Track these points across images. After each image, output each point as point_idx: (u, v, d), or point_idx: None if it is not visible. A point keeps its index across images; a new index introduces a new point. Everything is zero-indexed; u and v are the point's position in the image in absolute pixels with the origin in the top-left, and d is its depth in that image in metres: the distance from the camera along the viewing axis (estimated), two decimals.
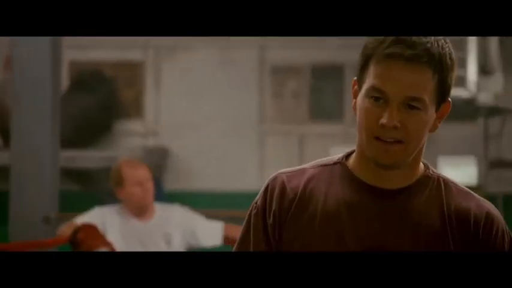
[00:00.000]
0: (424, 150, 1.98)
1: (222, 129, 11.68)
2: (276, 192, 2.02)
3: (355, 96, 2.01)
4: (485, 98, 9.20)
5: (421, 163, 2.02)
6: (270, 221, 2.00)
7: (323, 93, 11.83)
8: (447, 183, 2.01)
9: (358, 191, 1.98)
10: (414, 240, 1.92)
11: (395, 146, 1.91)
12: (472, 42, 8.59)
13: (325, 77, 11.76)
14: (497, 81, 9.38)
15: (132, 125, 11.73)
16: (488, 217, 1.98)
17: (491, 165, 10.89)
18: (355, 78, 2.02)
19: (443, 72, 1.92)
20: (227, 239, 5.21)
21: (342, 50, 11.38)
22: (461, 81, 8.68)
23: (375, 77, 1.92)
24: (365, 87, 1.95)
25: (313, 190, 2.01)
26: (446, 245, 1.94)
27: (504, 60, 9.51)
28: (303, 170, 2.06)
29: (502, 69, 9.44)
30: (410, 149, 1.93)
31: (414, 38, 1.91)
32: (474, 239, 1.96)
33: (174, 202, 5.70)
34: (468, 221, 1.96)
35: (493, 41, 9.05)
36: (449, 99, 1.96)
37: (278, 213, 2.00)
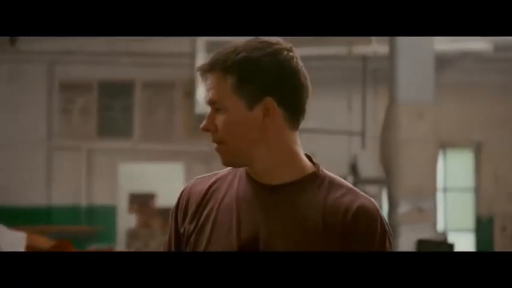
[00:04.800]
0: (297, 148, 2.18)
1: (9, 144, 11.52)
2: (185, 194, 2.24)
3: None
4: None
5: (311, 163, 2.20)
6: (180, 216, 2.22)
7: (112, 110, 11.91)
8: (333, 181, 2.16)
9: (248, 187, 2.17)
10: (286, 233, 2.10)
11: (219, 147, 2.15)
12: None
13: (114, 93, 11.84)
14: None
15: None
16: (359, 209, 2.09)
17: None
18: None
19: (239, 74, 2.08)
20: (30, 247, 5.27)
21: (132, 67, 11.53)
22: None
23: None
24: None
25: (215, 190, 2.21)
26: (319, 239, 2.09)
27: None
28: (215, 174, 2.27)
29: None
30: (233, 149, 2.12)
31: (219, 51, 2.15)
32: (341, 230, 2.08)
33: None
34: (338, 213, 2.09)
35: None
36: (270, 98, 2.11)
37: (184, 210, 2.22)
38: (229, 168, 2.23)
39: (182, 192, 2.26)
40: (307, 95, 2.15)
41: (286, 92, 2.10)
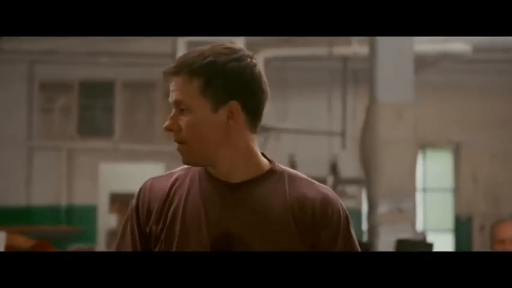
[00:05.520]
0: (255, 148, 2.24)
1: None
2: (147, 192, 2.29)
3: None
4: None
5: (266, 160, 2.28)
6: (143, 216, 2.26)
7: (92, 110, 11.90)
8: (291, 175, 2.27)
9: (210, 185, 2.24)
10: (257, 226, 2.19)
11: (180, 147, 2.23)
12: None
13: (95, 93, 11.83)
14: None
15: None
16: (324, 200, 2.23)
17: None
18: None
19: (206, 77, 2.17)
20: (10, 247, 5.27)
21: (113, 67, 11.52)
22: None
23: None
24: None
25: (178, 188, 2.27)
26: (291, 230, 2.20)
27: (267, 81, 10.02)
28: (171, 173, 2.32)
29: None
30: (196, 149, 2.20)
31: (185, 55, 2.24)
32: (313, 221, 2.21)
33: None
34: (307, 206, 2.22)
35: (258, 62, 9.47)
36: (234, 101, 2.19)
37: (147, 210, 2.26)
38: (185, 166, 2.30)
39: (140, 192, 2.31)
40: (266, 100, 2.24)
41: (249, 96, 2.20)
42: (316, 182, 2.29)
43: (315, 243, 2.22)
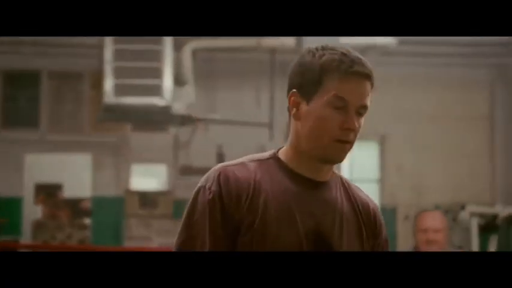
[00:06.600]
0: None
1: None
2: (231, 181, 2.27)
3: (296, 106, 2.43)
4: (178, 107, 9.60)
5: None
6: (232, 204, 2.25)
7: (17, 100, 11.74)
8: (345, 178, 2.44)
9: (297, 181, 2.31)
10: (340, 224, 2.31)
11: (348, 146, 2.34)
12: (168, 53, 8.88)
13: (20, 83, 11.67)
14: (189, 91, 9.87)
15: None
16: (377, 208, 2.43)
17: (181, 172, 11.31)
18: (294, 90, 2.45)
19: (372, 85, 2.38)
20: None
21: (38, 57, 11.38)
22: (158, 90, 9.00)
23: (339, 90, 2.31)
24: (325, 98, 2.33)
25: (261, 180, 2.29)
26: (361, 233, 2.35)
27: (195, 72, 10.02)
28: (243, 164, 2.35)
29: (194, 80, 9.95)
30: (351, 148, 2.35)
31: (360, 57, 2.39)
32: (375, 227, 2.39)
33: None
34: (369, 212, 2.40)
35: (186, 53, 9.48)
36: None
37: (236, 197, 2.25)
38: (250, 158, 2.35)
39: (219, 180, 2.28)
40: None
41: None
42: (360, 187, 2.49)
43: (373, 248, 2.37)
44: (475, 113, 11.97)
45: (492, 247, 9.80)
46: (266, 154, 2.40)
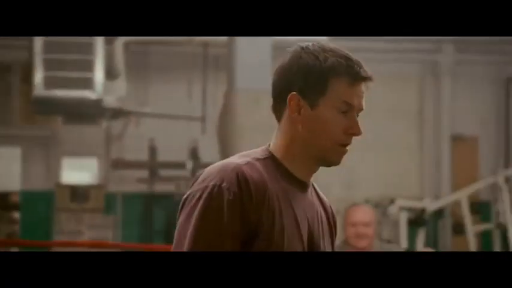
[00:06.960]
0: None
1: None
2: (249, 181, 2.21)
3: (297, 111, 2.31)
4: (110, 101, 9.54)
5: None
6: (251, 204, 2.19)
7: None
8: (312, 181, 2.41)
9: (292, 183, 2.30)
10: (321, 226, 2.35)
11: (345, 150, 2.35)
12: (99, 45, 8.83)
13: None
14: (121, 85, 9.82)
15: None
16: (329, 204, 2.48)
17: (113, 165, 11.25)
18: (294, 93, 2.30)
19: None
20: None
21: (8, 50, 11.10)
22: (89, 83, 8.94)
23: (347, 94, 2.28)
24: (332, 103, 2.28)
25: (269, 181, 2.25)
26: (331, 231, 2.42)
27: (127, 65, 9.97)
28: (251, 163, 2.28)
29: (126, 73, 9.90)
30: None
31: (359, 60, 2.32)
32: (335, 226, 2.46)
33: None
34: (332, 212, 2.46)
35: (118, 46, 9.43)
36: None
37: (256, 198, 2.20)
38: (252, 157, 2.30)
39: (238, 180, 2.23)
40: None
41: None
42: None
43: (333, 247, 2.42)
44: (405, 108, 12.14)
45: (420, 240, 9.95)
46: (261, 152, 2.37)
